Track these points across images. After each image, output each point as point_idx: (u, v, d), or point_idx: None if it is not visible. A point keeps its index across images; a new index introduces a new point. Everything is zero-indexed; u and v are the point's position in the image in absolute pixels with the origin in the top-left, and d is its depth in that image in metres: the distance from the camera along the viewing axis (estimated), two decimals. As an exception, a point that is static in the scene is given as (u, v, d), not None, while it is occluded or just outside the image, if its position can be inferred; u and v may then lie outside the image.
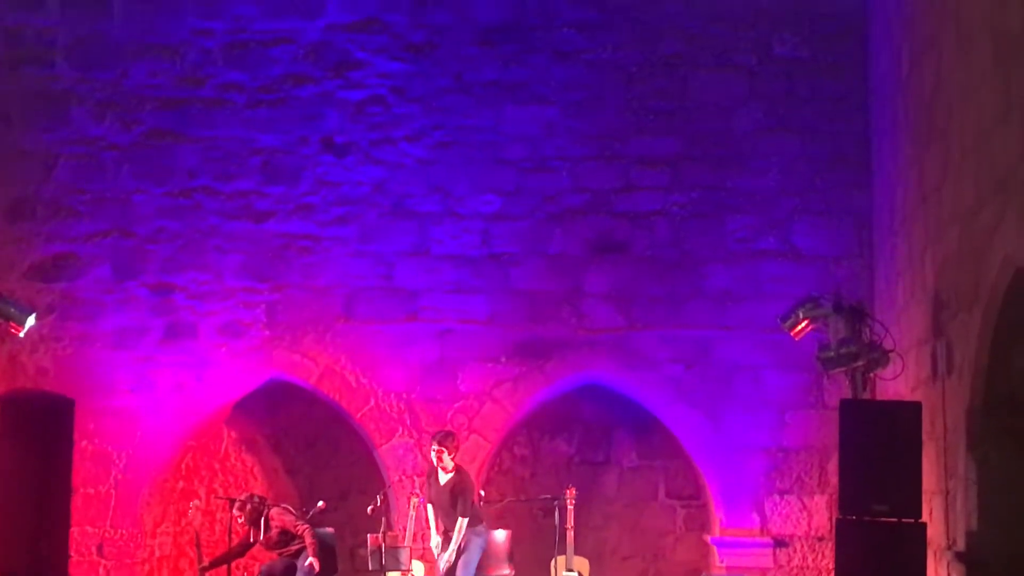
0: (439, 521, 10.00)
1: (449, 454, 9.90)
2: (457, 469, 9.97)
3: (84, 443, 10.96)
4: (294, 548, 10.21)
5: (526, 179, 11.18)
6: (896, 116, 9.77)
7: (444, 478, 9.92)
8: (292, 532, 10.16)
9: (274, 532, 10.18)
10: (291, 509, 10.36)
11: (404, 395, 11.06)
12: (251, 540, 10.25)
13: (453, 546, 9.75)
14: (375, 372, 11.07)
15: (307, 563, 10.02)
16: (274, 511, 10.22)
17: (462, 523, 9.74)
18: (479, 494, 10.59)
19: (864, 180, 10.86)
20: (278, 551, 10.26)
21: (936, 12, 8.40)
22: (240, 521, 10.18)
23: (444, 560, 9.78)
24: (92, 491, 10.94)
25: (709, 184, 11.05)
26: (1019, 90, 6.42)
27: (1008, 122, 6.62)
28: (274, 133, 11.27)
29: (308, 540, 10.04)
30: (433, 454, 9.94)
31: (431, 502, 10.07)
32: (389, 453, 11.04)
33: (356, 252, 11.18)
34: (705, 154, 11.08)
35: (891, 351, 8.58)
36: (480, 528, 9.98)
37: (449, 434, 10.10)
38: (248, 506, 10.22)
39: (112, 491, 10.94)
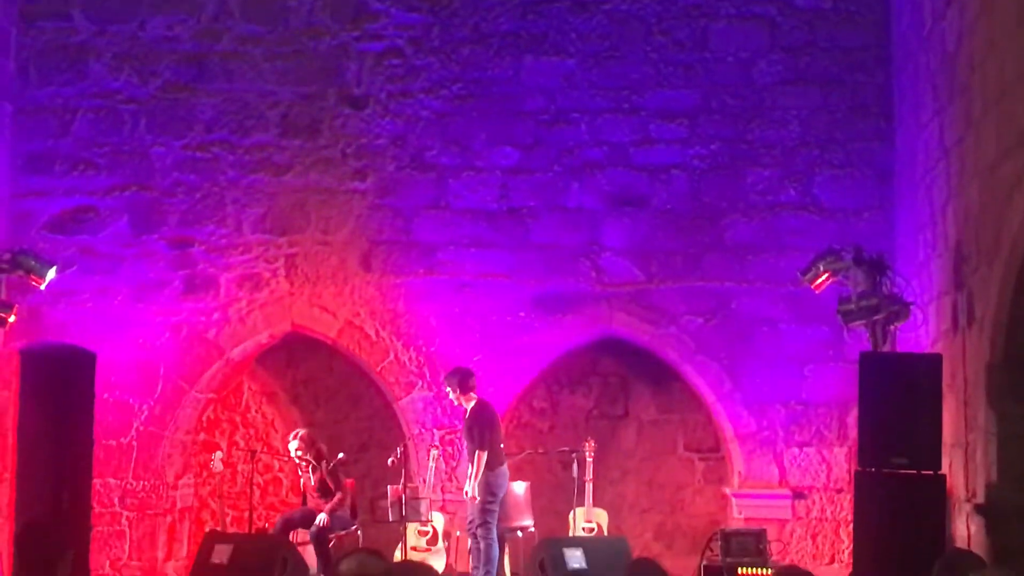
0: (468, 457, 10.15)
1: (454, 391, 10.09)
2: (477, 402, 10.09)
3: (105, 395, 11.02)
4: (322, 503, 10.37)
5: (544, 132, 11.13)
6: (918, 70, 9.69)
7: (467, 412, 10.10)
8: (330, 487, 10.36)
9: (316, 480, 10.41)
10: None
11: (423, 349, 11.08)
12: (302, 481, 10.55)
13: (470, 482, 9.82)
14: (394, 326, 11.09)
15: (322, 515, 10.19)
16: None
17: (479, 456, 9.80)
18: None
19: (886, 132, 10.78)
20: (311, 498, 10.42)
21: (960, -36, 8.32)
22: (300, 455, 10.39)
23: (467, 493, 9.89)
24: (114, 443, 11.01)
25: (728, 137, 10.99)
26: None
27: (1032, 75, 6.58)
28: (292, 86, 11.23)
29: (337, 499, 10.27)
30: None
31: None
32: (409, 406, 11.07)
33: (374, 206, 11.17)
34: (724, 106, 11.00)
35: (911, 304, 8.57)
36: (500, 470, 10.00)
37: (451, 372, 10.25)
38: (314, 443, 10.46)
39: (134, 443, 11.01)
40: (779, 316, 10.80)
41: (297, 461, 10.71)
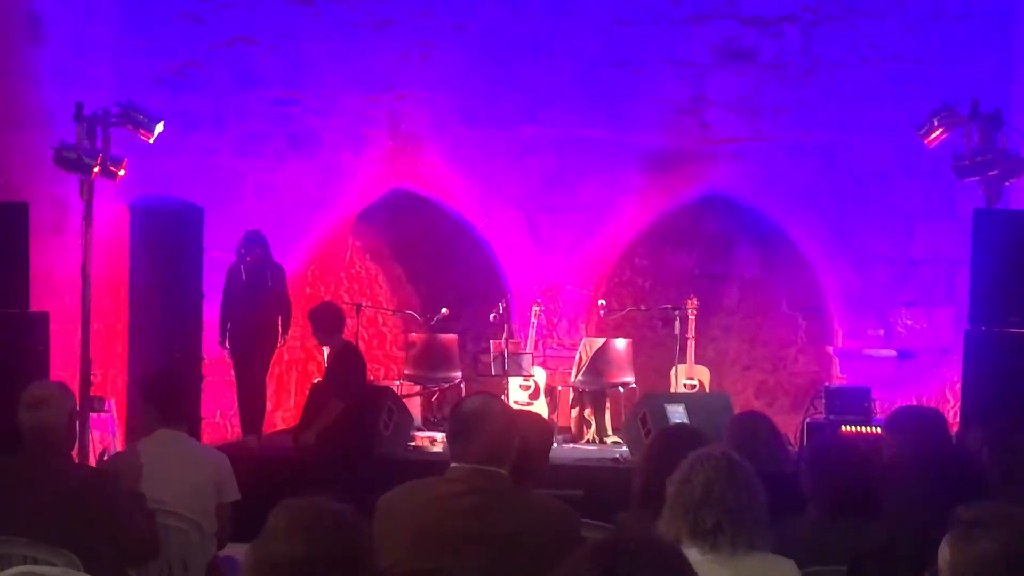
0: None
1: (320, 333, 9.18)
2: (347, 344, 9.30)
3: (214, 251, 11.17)
4: None
5: (651, -19, 10.86)
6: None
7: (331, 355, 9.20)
8: None
9: None
10: None
11: (525, 205, 11.03)
12: None
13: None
14: (496, 181, 11.03)
15: None
16: None
17: (335, 406, 8.83)
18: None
19: (1006, -21, 10.36)
20: None
21: None
22: None
23: None
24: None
25: (841, -14, 10.64)
26: None
27: None
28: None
29: None
30: None
31: None
32: (510, 263, 11.07)
33: (477, 57, 11.02)
34: (839, -45, 10.63)
35: (1028, 159, 8.29)
36: None
37: (320, 308, 9.34)
38: None
39: (241, 296, 11.16)
40: (888, 172, 10.55)
41: None
